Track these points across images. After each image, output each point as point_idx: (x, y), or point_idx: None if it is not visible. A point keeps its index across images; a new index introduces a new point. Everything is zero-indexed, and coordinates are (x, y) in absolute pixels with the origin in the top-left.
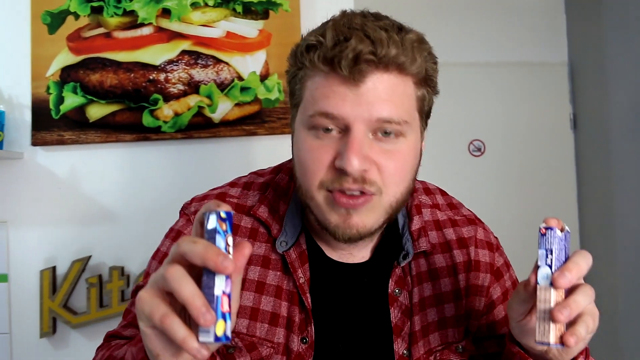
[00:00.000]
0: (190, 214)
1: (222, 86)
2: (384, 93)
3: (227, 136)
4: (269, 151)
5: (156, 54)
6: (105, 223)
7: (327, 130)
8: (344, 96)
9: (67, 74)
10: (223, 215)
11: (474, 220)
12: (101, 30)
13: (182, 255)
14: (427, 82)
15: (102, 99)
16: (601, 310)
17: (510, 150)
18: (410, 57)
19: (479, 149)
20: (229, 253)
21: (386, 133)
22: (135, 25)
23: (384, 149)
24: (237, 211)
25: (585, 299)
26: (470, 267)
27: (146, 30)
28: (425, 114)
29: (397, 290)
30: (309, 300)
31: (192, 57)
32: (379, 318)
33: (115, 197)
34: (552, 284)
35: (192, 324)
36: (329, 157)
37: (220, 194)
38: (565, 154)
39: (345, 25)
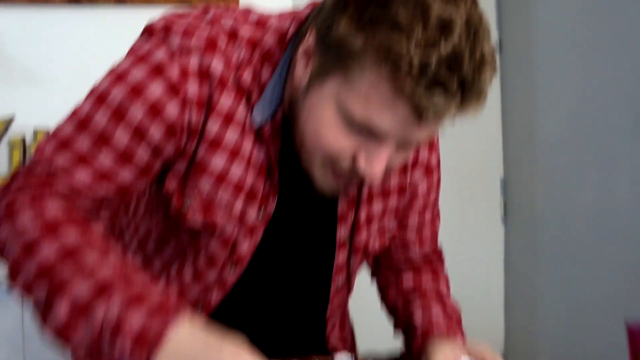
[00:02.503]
0: (176, 48)
1: None
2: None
3: None
4: None
5: None
6: (29, 84)
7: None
8: (401, 123)
9: None
10: None
11: None
12: None
13: None
14: None
15: None
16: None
17: None
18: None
19: None
20: None
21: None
22: None
23: (397, 155)
24: (225, 66)
25: None
26: (416, 165)
27: None
28: None
29: None
30: (277, 174)
31: None
32: (327, 207)
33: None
34: None
35: None
36: (350, 150)
37: (210, 40)
38: None
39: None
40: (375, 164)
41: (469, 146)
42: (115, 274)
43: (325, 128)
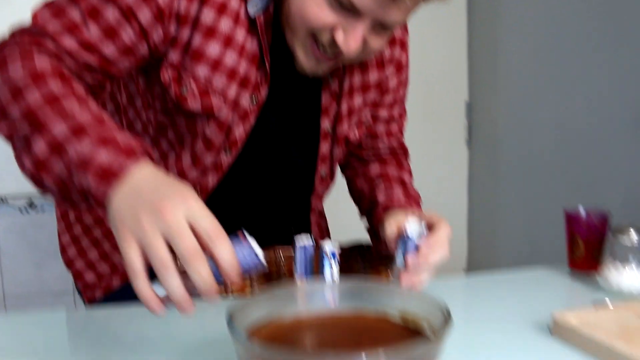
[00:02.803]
0: None
1: None
2: (408, 15)
3: None
4: None
5: None
6: None
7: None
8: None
9: None
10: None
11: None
12: None
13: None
14: None
15: None
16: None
17: None
18: None
19: None
20: None
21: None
22: None
23: (373, 38)
24: None
25: (427, 276)
26: (393, 63)
27: None
28: None
29: (328, 76)
30: (268, 63)
31: None
32: (313, 100)
33: None
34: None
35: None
36: (330, 24)
37: None
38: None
39: None
40: (351, 38)
41: (436, 71)
42: (91, 120)
43: (310, 4)
